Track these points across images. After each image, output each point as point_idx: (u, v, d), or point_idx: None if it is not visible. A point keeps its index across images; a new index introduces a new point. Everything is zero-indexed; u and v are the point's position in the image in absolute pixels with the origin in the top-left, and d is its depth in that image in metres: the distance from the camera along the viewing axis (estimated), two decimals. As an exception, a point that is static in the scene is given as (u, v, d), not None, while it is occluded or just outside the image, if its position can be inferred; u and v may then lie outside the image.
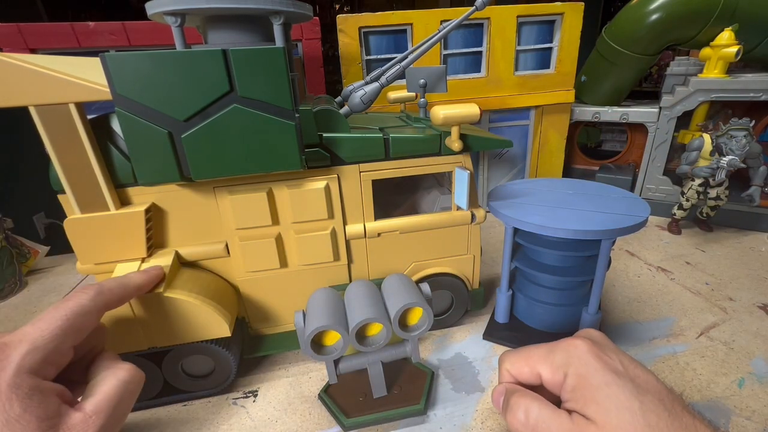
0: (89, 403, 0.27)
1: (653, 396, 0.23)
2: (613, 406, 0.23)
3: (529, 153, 0.89)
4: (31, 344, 0.25)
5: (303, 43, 0.75)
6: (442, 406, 0.42)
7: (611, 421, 0.22)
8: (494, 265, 0.68)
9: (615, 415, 0.22)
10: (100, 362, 0.31)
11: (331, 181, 0.42)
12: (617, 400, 0.23)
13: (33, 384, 0.24)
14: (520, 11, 0.75)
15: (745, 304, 0.55)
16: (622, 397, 0.23)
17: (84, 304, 0.29)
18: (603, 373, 0.24)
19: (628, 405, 0.22)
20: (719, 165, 0.64)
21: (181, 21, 0.36)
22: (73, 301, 0.29)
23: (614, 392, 0.23)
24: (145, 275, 0.36)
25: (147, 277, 0.36)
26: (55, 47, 0.66)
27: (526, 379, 0.28)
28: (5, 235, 0.69)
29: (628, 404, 0.22)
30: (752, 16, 0.72)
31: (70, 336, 0.28)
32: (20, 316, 0.62)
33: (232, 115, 0.35)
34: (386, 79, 0.44)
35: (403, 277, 0.44)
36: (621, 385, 0.23)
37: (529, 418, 0.25)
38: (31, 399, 0.23)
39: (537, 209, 0.44)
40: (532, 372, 0.28)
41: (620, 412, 0.22)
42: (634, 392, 0.23)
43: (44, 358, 0.25)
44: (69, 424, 0.24)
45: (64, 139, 0.34)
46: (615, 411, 0.22)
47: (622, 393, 0.23)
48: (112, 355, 0.33)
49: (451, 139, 0.42)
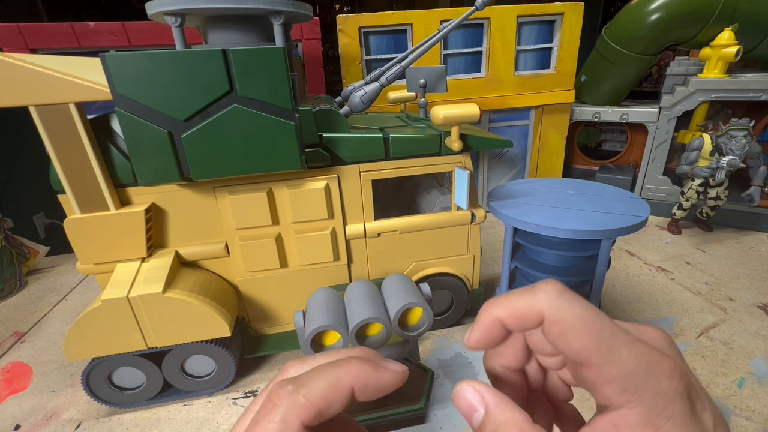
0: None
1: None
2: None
3: (529, 153, 0.89)
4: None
5: (303, 43, 0.75)
6: (442, 406, 0.42)
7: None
8: (494, 265, 0.68)
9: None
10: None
11: (331, 181, 0.42)
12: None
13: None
14: (520, 11, 0.75)
15: (745, 304, 0.55)
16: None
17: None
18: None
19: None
20: (719, 165, 0.64)
21: (181, 21, 0.36)
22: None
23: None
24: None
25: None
26: (55, 47, 0.66)
27: (520, 327, 0.18)
28: (5, 235, 0.69)
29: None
30: (752, 16, 0.72)
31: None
32: (20, 316, 0.62)
33: (232, 115, 0.35)
34: (386, 79, 0.44)
35: (403, 277, 0.44)
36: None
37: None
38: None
39: (537, 209, 0.44)
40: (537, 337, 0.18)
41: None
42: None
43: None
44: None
45: (64, 139, 0.34)
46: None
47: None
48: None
49: (451, 139, 0.42)
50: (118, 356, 0.40)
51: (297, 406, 0.16)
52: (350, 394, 0.17)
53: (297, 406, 0.16)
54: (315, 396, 0.17)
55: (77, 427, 0.42)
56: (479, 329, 0.18)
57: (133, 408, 0.43)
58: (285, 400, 0.16)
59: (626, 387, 0.15)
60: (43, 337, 0.57)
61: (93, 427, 0.42)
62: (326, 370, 0.18)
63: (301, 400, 0.16)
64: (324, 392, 0.17)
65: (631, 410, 0.15)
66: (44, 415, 0.43)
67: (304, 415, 0.16)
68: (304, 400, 0.16)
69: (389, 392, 0.19)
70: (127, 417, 0.43)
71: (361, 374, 0.18)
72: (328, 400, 0.17)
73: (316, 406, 0.16)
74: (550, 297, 0.16)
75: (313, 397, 0.17)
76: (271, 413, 0.16)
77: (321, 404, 0.17)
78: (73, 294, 0.68)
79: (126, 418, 0.42)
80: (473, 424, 0.17)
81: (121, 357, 0.40)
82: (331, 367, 0.18)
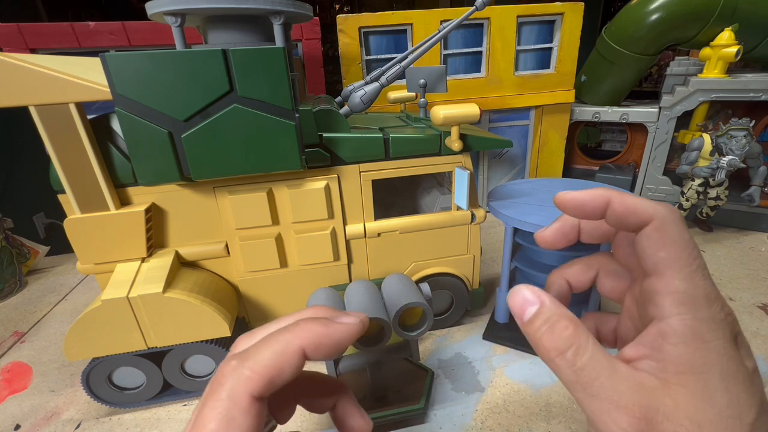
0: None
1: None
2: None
3: (529, 153, 0.89)
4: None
5: (303, 43, 0.75)
6: (442, 406, 0.42)
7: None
8: (494, 265, 0.68)
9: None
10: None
11: (331, 181, 0.42)
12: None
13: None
14: (520, 11, 0.75)
15: (745, 304, 0.55)
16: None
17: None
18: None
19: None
20: (719, 165, 0.64)
21: (181, 21, 0.36)
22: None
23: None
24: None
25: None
26: (55, 47, 0.66)
27: (620, 221, 0.18)
28: (5, 235, 0.69)
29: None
30: (752, 16, 0.72)
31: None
32: (20, 316, 0.62)
33: (232, 115, 0.35)
34: (386, 79, 0.44)
35: (403, 277, 0.44)
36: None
37: (577, 359, 0.16)
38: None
39: (537, 209, 0.44)
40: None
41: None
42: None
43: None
44: None
45: (64, 139, 0.34)
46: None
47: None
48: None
49: (451, 139, 0.42)
50: (118, 356, 0.40)
51: (243, 380, 0.16)
52: (301, 356, 0.17)
53: (243, 379, 0.16)
54: (261, 366, 0.16)
55: (77, 427, 0.42)
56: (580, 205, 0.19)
57: (133, 408, 0.43)
58: (229, 377, 0.16)
59: (686, 301, 0.16)
60: (43, 337, 0.57)
61: (93, 427, 0.42)
62: (273, 338, 0.17)
63: (247, 373, 0.16)
64: (271, 361, 0.17)
65: (682, 321, 0.15)
66: (44, 415, 0.43)
67: (252, 387, 0.16)
68: (249, 372, 0.16)
69: (349, 345, 0.19)
70: (127, 417, 0.43)
71: (310, 335, 0.18)
72: (277, 367, 0.16)
73: (265, 376, 0.16)
74: (670, 209, 0.17)
75: (260, 368, 0.16)
76: (216, 392, 0.16)
77: (270, 373, 0.16)
78: (73, 294, 0.68)
79: (126, 418, 0.43)
80: (524, 317, 0.18)
81: (121, 357, 0.40)
82: (278, 334, 0.18)
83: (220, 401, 0.15)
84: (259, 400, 0.16)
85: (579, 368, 0.16)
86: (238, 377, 0.16)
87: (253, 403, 0.15)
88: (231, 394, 0.15)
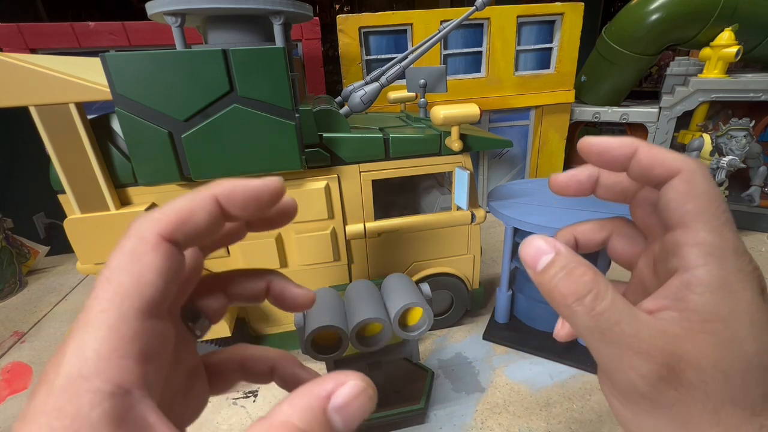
0: None
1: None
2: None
3: (529, 153, 0.89)
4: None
5: (303, 43, 0.75)
6: (442, 406, 0.42)
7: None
8: (494, 265, 0.68)
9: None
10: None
11: (331, 181, 0.42)
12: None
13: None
14: (520, 11, 0.75)
15: (745, 304, 0.55)
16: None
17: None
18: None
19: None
20: (719, 165, 0.64)
21: (181, 21, 0.36)
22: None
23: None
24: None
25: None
26: (55, 47, 0.66)
27: (645, 173, 0.17)
28: (5, 235, 0.69)
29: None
30: (752, 16, 0.72)
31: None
32: (20, 316, 0.62)
33: (232, 115, 0.35)
34: (386, 79, 0.44)
35: (403, 277, 0.44)
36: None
37: (596, 303, 0.16)
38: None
39: (537, 209, 0.44)
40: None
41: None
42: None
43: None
44: None
45: (64, 139, 0.34)
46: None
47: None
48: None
49: (451, 139, 0.42)
50: (118, 356, 0.40)
51: (151, 221, 0.15)
52: (214, 202, 0.16)
53: (151, 220, 0.15)
54: (171, 210, 0.16)
55: (77, 427, 0.41)
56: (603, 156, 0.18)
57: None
58: (136, 222, 0.15)
59: (713, 252, 0.15)
60: (43, 337, 0.57)
61: (93, 427, 0.41)
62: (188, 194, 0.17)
63: (156, 215, 0.15)
64: (182, 206, 0.16)
65: (709, 271, 0.15)
66: (44, 415, 0.43)
67: (161, 227, 0.15)
68: (158, 215, 0.15)
69: (266, 199, 0.17)
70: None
71: (224, 185, 0.17)
72: (187, 209, 0.16)
73: (174, 216, 0.15)
74: (698, 164, 0.16)
75: (170, 212, 0.16)
76: (124, 239, 0.15)
77: (180, 214, 0.16)
78: (73, 294, 0.68)
79: (126, 418, 0.42)
80: (537, 267, 0.17)
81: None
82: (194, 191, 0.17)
83: (127, 239, 0.15)
84: (171, 242, 0.15)
85: (598, 313, 0.15)
86: (145, 219, 0.15)
87: (162, 242, 0.15)
88: (139, 233, 0.15)
